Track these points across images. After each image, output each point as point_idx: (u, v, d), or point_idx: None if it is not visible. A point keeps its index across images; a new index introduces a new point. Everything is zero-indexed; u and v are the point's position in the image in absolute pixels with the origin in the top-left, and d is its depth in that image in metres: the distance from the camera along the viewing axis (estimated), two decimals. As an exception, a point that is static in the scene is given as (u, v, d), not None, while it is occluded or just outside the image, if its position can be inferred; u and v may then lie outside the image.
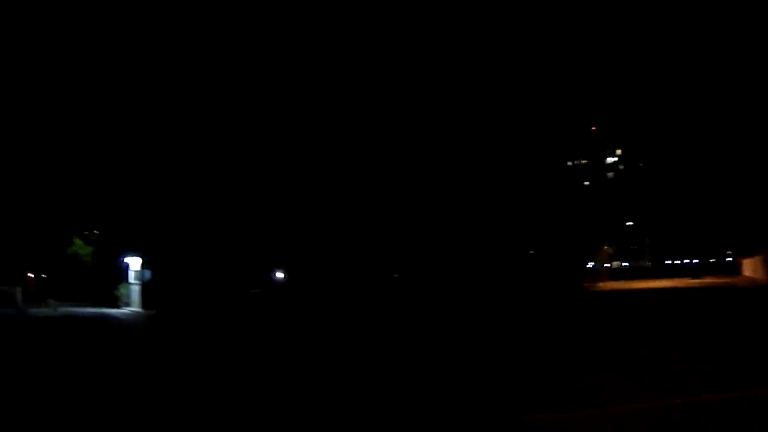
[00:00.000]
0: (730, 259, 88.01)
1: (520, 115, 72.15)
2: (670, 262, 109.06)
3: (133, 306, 32.20)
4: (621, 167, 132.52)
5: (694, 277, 55.92)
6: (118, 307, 33.06)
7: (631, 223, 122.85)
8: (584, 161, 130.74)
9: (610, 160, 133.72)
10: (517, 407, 7.23)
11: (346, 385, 9.32)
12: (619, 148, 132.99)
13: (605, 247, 72.39)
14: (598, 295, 34.73)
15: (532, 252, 66.17)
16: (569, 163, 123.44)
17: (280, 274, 48.43)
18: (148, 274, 32.35)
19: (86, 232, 39.26)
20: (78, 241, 38.71)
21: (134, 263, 32.42)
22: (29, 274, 40.73)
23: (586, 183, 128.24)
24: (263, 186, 49.17)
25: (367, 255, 52.65)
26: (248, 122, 50.38)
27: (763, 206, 71.80)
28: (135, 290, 32.50)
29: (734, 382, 8.10)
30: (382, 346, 13.74)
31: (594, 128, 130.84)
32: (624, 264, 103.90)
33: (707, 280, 48.60)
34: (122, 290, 34.17)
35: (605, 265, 71.03)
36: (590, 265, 69.30)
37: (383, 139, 56.67)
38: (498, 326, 17.56)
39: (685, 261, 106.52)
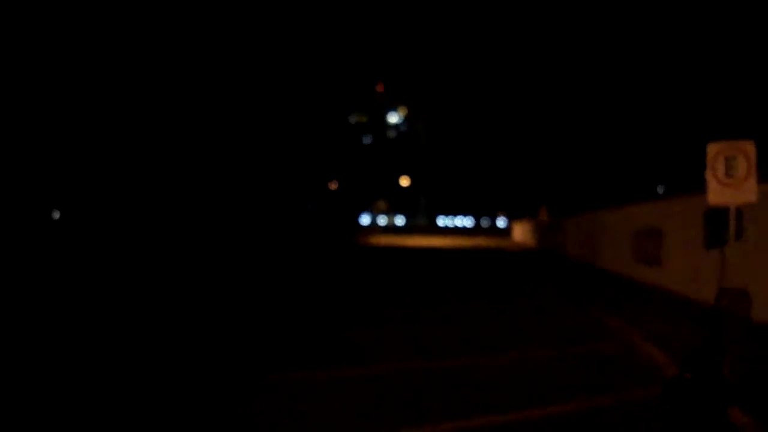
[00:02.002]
0: (504, 221, 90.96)
1: (300, 68, 69.51)
2: (444, 221, 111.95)
3: None
4: (403, 126, 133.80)
5: (467, 237, 56.35)
6: None
7: (407, 182, 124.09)
8: (366, 118, 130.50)
9: (392, 118, 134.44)
10: (267, 366, 6.28)
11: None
12: (402, 107, 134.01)
13: (380, 203, 71.31)
14: (370, 249, 33.54)
15: (307, 205, 65.39)
16: (351, 120, 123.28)
17: (56, 213, 50.17)
18: None
19: None
20: None
21: None
22: None
23: (367, 140, 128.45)
24: (33, 123, 47.58)
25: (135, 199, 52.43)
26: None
27: (534, 171, 73.53)
28: None
29: (497, 345, 7.49)
30: (132, 292, 12.44)
31: (380, 86, 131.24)
32: (399, 220, 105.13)
33: (479, 241, 48.03)
34: None
35: (379, 220, 70.09)
36: (365, 220, 68.29)
37: (154, 84, 52.73)
38: (258, 280, 16.11)
39: (459, 221, 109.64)
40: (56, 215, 50.21)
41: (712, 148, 5.76)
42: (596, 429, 4.54)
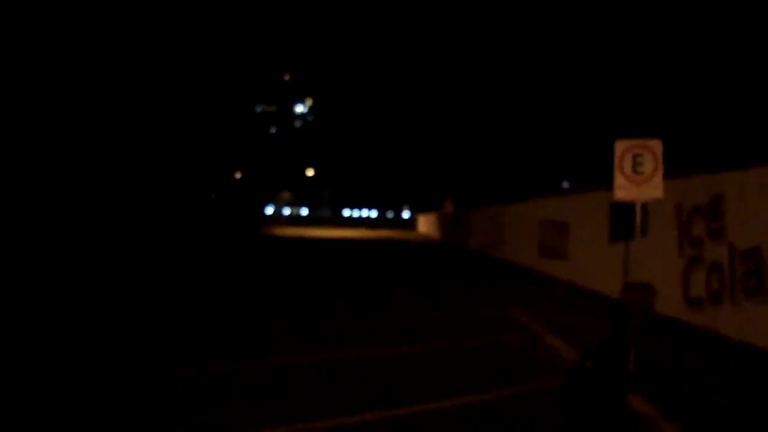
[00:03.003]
0: (409, 214, 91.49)
1: (206, 57, 68.06)
2: (349, 212, 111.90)
3: None
4: (309, 117, 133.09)
5: (371, 229, 56.38)
6: None
7: (312, 172, 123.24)
8: (275, 108, 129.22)
9: (299, 108, 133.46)
10: (168, 359, 6.00)
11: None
12: (309, 98, 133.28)
13: (285, 194, 70.73)
14: (274, 240, 33.09)
15: (211, 194, 64.33)
16: (257, 109, 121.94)
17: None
18: None
19: None
20: None
21: None
22: None
23: (273, 130, 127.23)
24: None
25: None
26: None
27: (440, 164, 74.31)
28: None
29: (400, 337, 7.44)
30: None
31: (287, 76, 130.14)
32: (303, 211, 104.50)
33: (383, 233, 48.13)
34: None
35: (284, 211, 69.58)
36: (269, 210, 67.70)
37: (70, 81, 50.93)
38: (157, 270, 15.53)
39: (364, 213, 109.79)
40: None
41: (620, 146, 5.90)
42: (499, 419, 4.57)
